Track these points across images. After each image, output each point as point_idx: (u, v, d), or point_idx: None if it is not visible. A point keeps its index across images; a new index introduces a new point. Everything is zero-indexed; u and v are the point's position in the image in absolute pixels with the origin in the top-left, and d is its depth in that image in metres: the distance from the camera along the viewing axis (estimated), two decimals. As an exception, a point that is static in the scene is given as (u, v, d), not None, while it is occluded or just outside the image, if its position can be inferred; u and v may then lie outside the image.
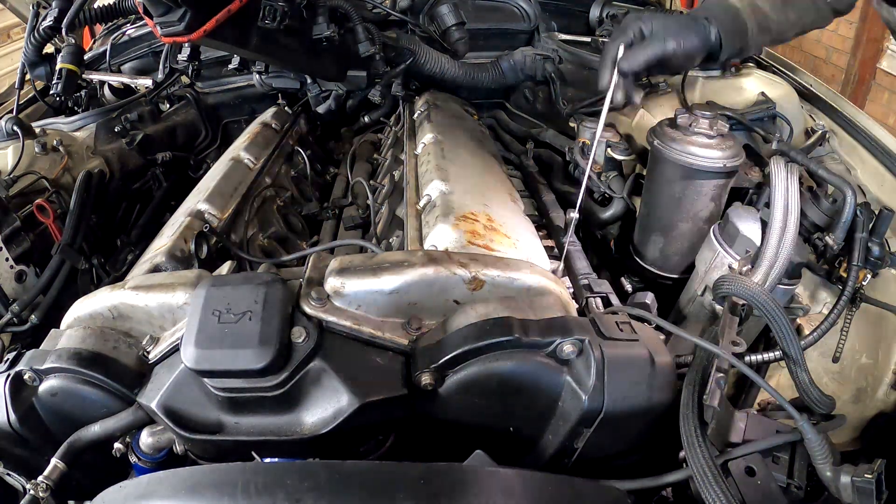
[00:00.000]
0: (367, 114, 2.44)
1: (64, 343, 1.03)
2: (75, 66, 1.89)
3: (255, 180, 1.73)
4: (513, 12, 2.38)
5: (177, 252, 1.28)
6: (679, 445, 0.85)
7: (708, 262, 1.22)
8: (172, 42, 1.35)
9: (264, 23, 1.40)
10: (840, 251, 1.19)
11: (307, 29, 1.59)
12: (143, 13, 1.22)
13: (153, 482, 0.75)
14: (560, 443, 0.96)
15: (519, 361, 0.92)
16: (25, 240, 1.50)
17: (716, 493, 0.77)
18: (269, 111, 2.26)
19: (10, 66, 5.05)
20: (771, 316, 0.95)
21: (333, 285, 0.99)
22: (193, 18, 1.18)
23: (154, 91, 2.18)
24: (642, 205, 1.44)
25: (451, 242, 1.15)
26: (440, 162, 1.47)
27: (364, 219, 1.70)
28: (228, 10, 1.24)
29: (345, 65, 1.92)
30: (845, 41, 4.88)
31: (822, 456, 0.84)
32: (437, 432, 1.03)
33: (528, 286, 1.02)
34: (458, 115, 1.99)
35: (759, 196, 1.29)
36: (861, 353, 1.29)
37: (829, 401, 0.96)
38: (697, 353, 0.95)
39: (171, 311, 1.04)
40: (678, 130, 1.27)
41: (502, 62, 2.23)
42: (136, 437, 1.03)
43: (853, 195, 1.14)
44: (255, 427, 0.94)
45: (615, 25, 2.20)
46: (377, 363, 0.96)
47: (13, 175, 1.53)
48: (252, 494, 0.70)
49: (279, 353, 0.87)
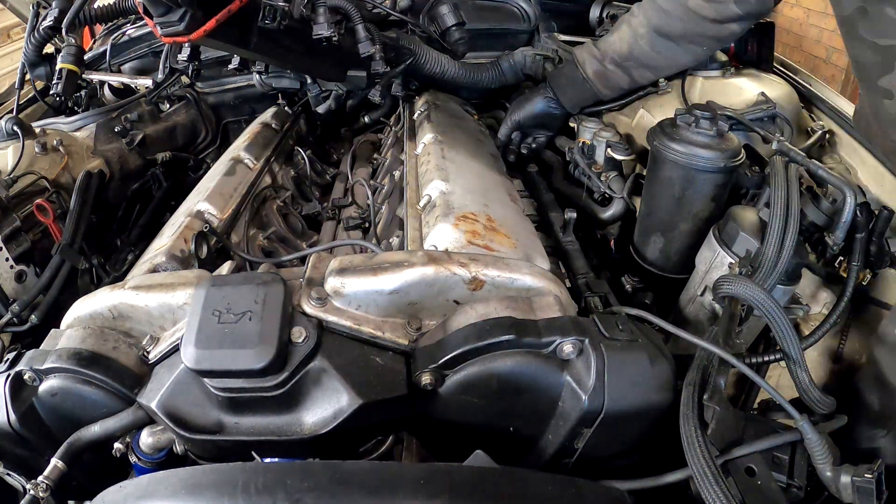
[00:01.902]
0: (367, 114, 2.44)
1: (64, 343, 1.03)
2: (75, 66, 1.88)
3: (255, 180, 1.73)
4: (513, 12, 2.38)
5: (177, 252, 1.28)
6: (679, 445, 0.85)
7: (708, 262, 1.22)
8: (172, 42, 1.34)
9: (264, 23, 1.40)
10: (840, 251, 1.19)
11: (307, 29, 1.59)
12: (142, 13, 1.22)
13: (153, 482, 0.75)
14: (560, 443, 0.96)
15: (519, 361, 0.92)
16: (25, 240, 1.50)
17: (716, 493, 0.77)
18: (269, 111, 2.26)
19: (10, 66, 5.05)
20: (771, 316, 0.95)
21: (333, 285, 0.99)
22: (193, 18, 1.18)
23: (154, 91, 2.18)
24: (642, 205, 1.44)
25: (451, 242, 1.15)
26: (440, 162, 1.47)
27: (364, 219, 1.70)
28: (228, 10, 1.24)
29: (345, 65, 1.92)
30: (845, 41, 4.88)
31: (822, 456, 0.84)
32: (437, 432, 1.03)
33: (528, 286, 1.02)
34: (458, 115, 1.99)
35: (759, 196, 1.29)
36: (861, 353, 1.29)
37: (829, 401, 0.96)
38: (697, 353, 0.95)
39: (171, 311, 1.04)
40: (678, 130, 1.27)
41: (502, 62, 2.23)
42: (136, 437, 1.03)
43: (853, 195, 1.14)
44: (255, 427, 0.94)
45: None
46: (377, 363, 0.96)
47: (13, 175, 1.53)
48: (252, 494, 0.70)
49: (279, 353, 0.87)
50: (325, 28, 1.59)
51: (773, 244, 1.06)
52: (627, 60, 1.64)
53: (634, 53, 1.61)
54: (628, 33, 1.61)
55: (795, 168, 1.21)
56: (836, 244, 1.17)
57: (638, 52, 1.61)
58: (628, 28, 1.61)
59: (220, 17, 1.22)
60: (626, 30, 1.62)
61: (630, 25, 1.61)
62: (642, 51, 1.59)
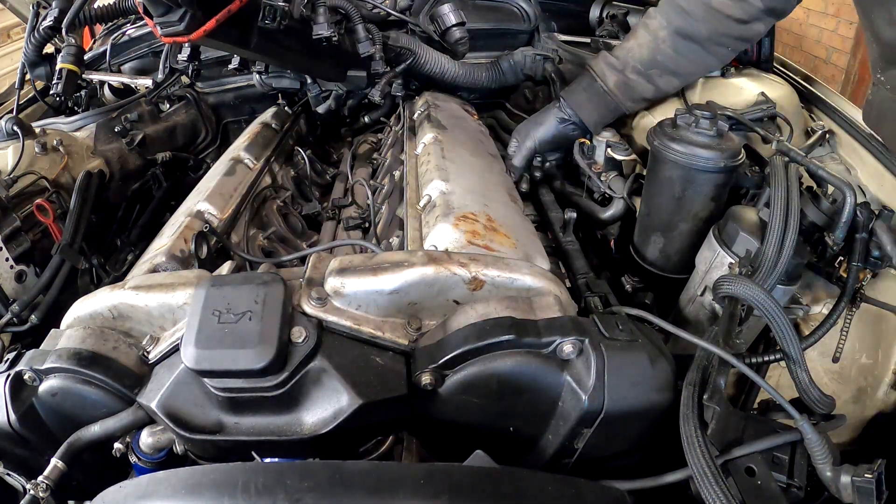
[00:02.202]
0: (367, 114, 2.44)
1: (64, 343, 1.03)
2: (75, 66, 1.89)
3: (255, 180, 1.73)
4: (513, 12, 2.38)
5: (177, 252, 1.28)
6: (679, 445, 0.85)
7: (708, 262, 1.22)
8: (172, 42, 1.34)
9: (264, 23, 1.40)
10: (840, 251, 1.19)
11: (307, 29, 1.59)
12: (142, 13, 1.22)
13: (153, 482, 0.75)
14: (560, 443, 0.96)
15: (519, 361, 0.92)
16: (25, 240, 1.50)
17: (716, 493, 0.77)
18: (269, 111, 2.26)
19: (10, 66, 5.05)
20: (771, 316, 0.95)
21: (333, 285, 0.99)
22: (193, 18, 1.18)
23: (154, 91, 2.18)
24: (642, 205, 1.44)
25: (451, 242, 1.15)
26: (440, 162, 1.47)
27: (364, 219, 1.70)
28: (228, 10, 1.24)
29: (345, 65, 1.92)
30: (845, 41, 4.88)
31: (822, 456, 0.84)
32: (437, 432, 1.03)
33: (528, 286, 1.02)
34: (458, 115, 2.00)
35: (759, 196, 1.29)
36: (861, 353, 1.29)
37: (829, 401, 0.96)
38: (698, 353, 0.95)
39: (171, 311, 1.04)
40: (678, 130, 1.27)
41: (502, 62, 2.23)
42: (136, 437, 1.03)
43: (853, 195, 1.14)
44: (255, 427, 0.94)
45: (615, 26, 2.21)
46: (377, 363, 0.96)
47: (13, 175, 1.53)
48: (252, 494, 0.70)
49: (279, 353, 0.87)
50: (325, 28, 1.59)
51: (773, 244, 1.06)
52: (651, 68, 1.53)
53: (658, 59, 1.50)
54: (648, 38, 1.50)
55: (795, 168, 1.21)
56: (836, 244, 1.17)
57: (662, 58, 1.50)
58: (647, 32, 1.51)
59: (219, 17, 1.22)
60: (645, 34, 1.51)
61: (649, 29, 1.51)
62: (666, 55, 1.49)
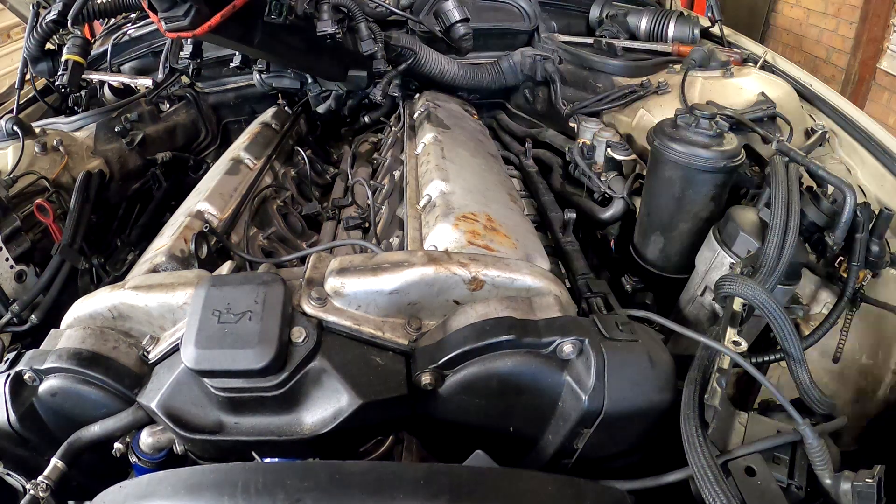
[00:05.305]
0: (367, 114, 2.45)
1: (64, 343, 1.03)
2: (81, 58, 1.86)
3: (255, 180, 1.73)
4: (513, 12, 2.38)
5: (177, 252, 1.28)
6: (679, 445, 0.85)
7: (708, 262, 1.22)
8: (176, 38, 1.34)
9: (270, 17, 1.39)
10: (840, 251, 1.19)
11: (310, 26, 1.59)
12: (147, 8, 1.21)
13: (153, 482, 0.75)
14: (560, 443, 0.96)
15: (519, 361, 0.92)
16: (25, 240, 1.50)
17: (716, 493, 0.77)
18: (269, 111, 2.26)
19: (10, 66, 5.05)
20: (772, 316, 0.95)
21: (333, 285, 0.99)
22: (198, 14, 1.18)
23: (154, 91, 2.18)
24: (642, 205, 1.43)
25: (451, 242, 1.15)
26: (440, 162, 1.47)
27: (364, 219, 1.70)
28: (233, 5, 1.23)
29: (346, 64, 1.92)
30: (845, 41, 4.88)
31: (822, 461, 0.84)
32: (437, 432, 1.03)
33: (528, 286, 1.02)
34: (458, 115, 2.00)
35: (759, 196, 1.29)
36: (861, 353, 1.29)
37: (829, 401, 0.96)
38: (698, 352, 0.95)
39: (171, 311, 1.04)
40: (678, 130, 1.27)
41: (502, 62, 2.23)
42: (136, 437, 1.03)
43: (853, 195, 1.14)
44: (255, 427, 0.94)
45: (614, 26, 2.21)
46: (377, 363, 0.96)
47: (13, 175, 1.53)
48: (252, 494, 0.70)
49: (279, 353, 0.87)
50: (328, 24, 1.59)
51: (773, 244, 1.06)
52: None
53: None
54: None
55: (795, 168, 1.21)
56: (836, 244, 1.17)
57: None
58: None
59: (224, 13, 1.22)
60: None
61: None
62: None
